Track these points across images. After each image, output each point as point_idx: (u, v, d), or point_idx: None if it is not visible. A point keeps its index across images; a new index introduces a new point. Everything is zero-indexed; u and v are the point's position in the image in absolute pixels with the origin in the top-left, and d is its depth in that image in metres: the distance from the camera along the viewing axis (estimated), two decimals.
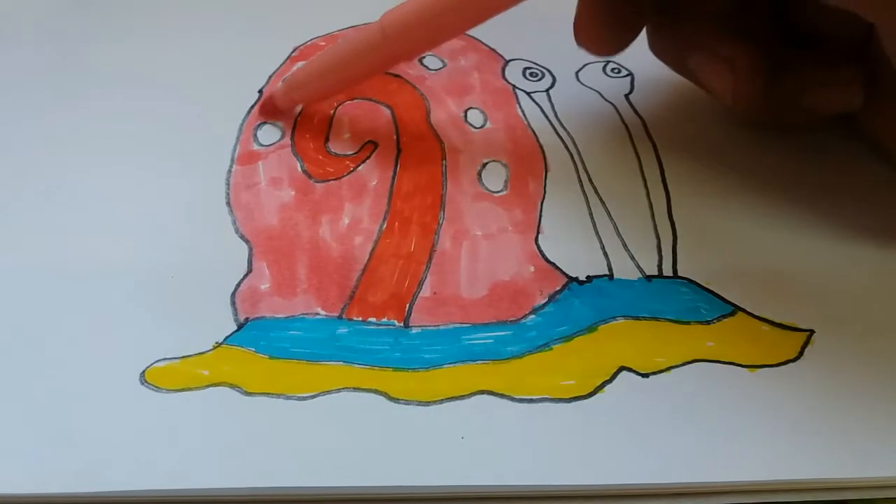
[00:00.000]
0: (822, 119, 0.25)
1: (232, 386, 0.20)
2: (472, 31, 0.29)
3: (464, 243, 0.23)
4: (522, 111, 0.27)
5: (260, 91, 0.27)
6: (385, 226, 0.23)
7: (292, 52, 0.29)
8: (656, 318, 0.21)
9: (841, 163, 0.25)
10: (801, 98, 0.24)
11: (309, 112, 0.26)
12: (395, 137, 0.26)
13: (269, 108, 0.26)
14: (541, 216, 0.24)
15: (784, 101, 0.24)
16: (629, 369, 0.20)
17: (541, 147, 0.26)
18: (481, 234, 0.23)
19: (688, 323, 0.21)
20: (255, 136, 0.26)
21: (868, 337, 0.21)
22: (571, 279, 0.22)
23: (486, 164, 0.25)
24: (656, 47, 0.25)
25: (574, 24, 0.24)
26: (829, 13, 0.21)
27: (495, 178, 0.25)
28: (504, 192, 0.24)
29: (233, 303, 0.21)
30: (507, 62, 0.28)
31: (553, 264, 0.22)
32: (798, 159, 0.25)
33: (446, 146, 0.25)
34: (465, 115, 0.26)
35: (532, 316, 0.21)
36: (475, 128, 0.26)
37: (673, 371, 0.20)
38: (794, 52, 0.24)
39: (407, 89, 0.27)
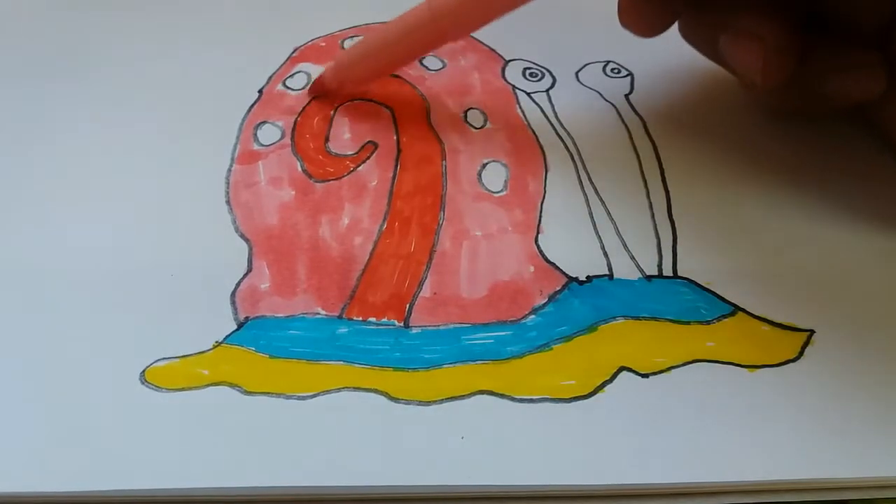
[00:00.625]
0: (841, 107, 0.25)
1: (232, 385, 0.20)
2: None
3: (464, 243, 0.23)
4: (522, 111, 0.27)
5: (260, 91, 0.27)
6: (385, 226, 0.23)
7: (292, 53, 0.29)
8: (656, 318, 0.21)
9: (844, 161, 0.25)
10: (823, 83, 0.24)
11: (309, 112, 0.26)
12: (395, 138, 0.26)
13: (318, 89, 0.27)
14: (541, 216, 0.24)
15: (806, 86, 0.24)
16: (629, 369, 0.20)
17: (541, 147, 0.26)
18: (481, 235, 0.23)
19: (688, 323, 0.21)
20: (255, 135, 0.26)
21: (868, 337, 0.21)
22: (571, 279, 0.22)
23: (486, 164, 0.25)
24: (687, 30, 0.25)
25: (618, 4, 0.24)
26: None
27: (495, 178, 0.25)
28: (504, 193, 0.24)
29: (233, 302, 0.21)
30: (507, 62, 0.28)
31: (553, 264, 0.22)
32: (799, 158, 0.25)
33: (446, 146, 0.25)
34: (465, 116, 0.26)
35: (532, 316, 0.21)
36: (475, 128, 0.26)
37: (673, 371, 0.20)
38: (817, 37, 0.24)
39: (407, 90, 0.27)
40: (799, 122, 0.26)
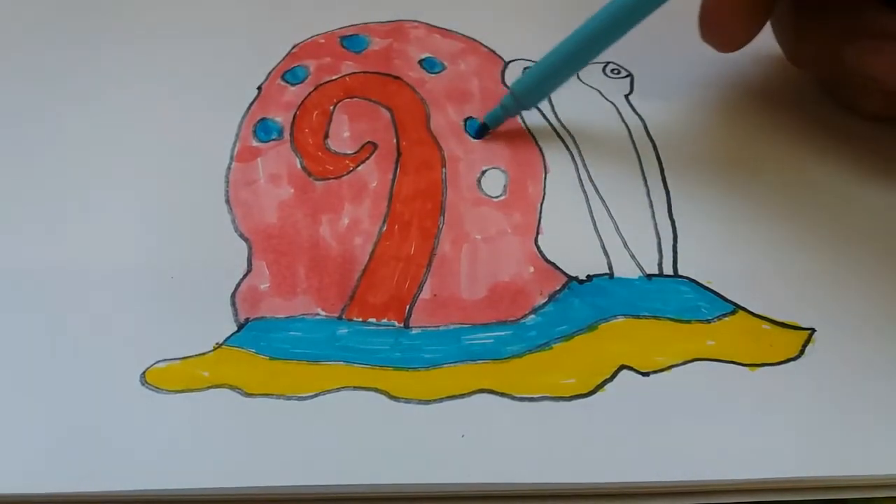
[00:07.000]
0: None
1: (232, 387, 0.20)
2: (472, 33, 0.29)
3: (463, 247, 0.23)
4: (521, 114, 0.27)
5: (259, 88, 0.27)
6: (385, 228, 0.23)
7: (292, 49, 0.28)
8: (657, 317, 0.21)
9: (844, 160, 0.25)
10: None
11: (308, 106, 0.26)
12: (394, 140, 0.26)
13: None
14: (540, 217, 0.24)
15: None
16: (629, 368, 0.20)
17: (540, 148, 0.25)
18: (481, 238, 0.23)
19: (688, 322, 0.21)
20: (255, 132, 0.26)
21: (869, 336, 0.21)
22: (571, 278, 0.22)
23: (486, 171, 0.25)
24: (801, 54, 0.25)
25: (701, 17, 0.23)
26: None
27: (494, 183, 0.25)
28: (503, 197, 0.24)
29: (233, 303, 0.21)
30: (507, 63, 0.28)
31: (553, 264, 0.22)
32: (798, 157, 0.25)
33: (446, 153, 0.25)
34: (465, 124, 0.26)
35: (532, 316, 0.21)
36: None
37: (673, 370, 0.20)
38: None
39: (406, 92, 0.27)
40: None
